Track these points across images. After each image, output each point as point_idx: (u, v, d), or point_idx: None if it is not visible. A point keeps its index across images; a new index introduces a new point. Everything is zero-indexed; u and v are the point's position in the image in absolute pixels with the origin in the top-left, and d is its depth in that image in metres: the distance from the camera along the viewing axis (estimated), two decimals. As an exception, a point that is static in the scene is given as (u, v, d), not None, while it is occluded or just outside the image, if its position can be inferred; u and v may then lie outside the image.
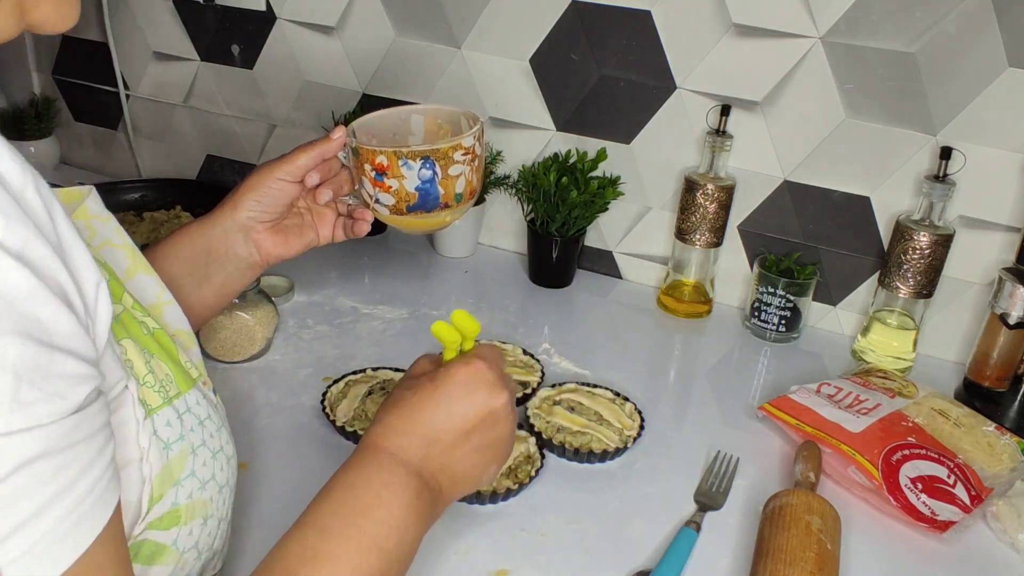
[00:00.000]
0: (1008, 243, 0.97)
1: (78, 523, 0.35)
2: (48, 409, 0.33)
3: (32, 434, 0.33)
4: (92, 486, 0.36)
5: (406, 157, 0.72)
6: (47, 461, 0.33)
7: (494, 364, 0.55)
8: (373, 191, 0.74)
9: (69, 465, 0.35)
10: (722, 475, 0.81)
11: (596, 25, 1.08)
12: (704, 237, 1.07)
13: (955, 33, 0.92)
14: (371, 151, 0.72)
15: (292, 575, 0.45)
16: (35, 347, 0.32)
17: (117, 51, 1.39)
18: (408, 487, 0.49)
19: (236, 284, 0.74)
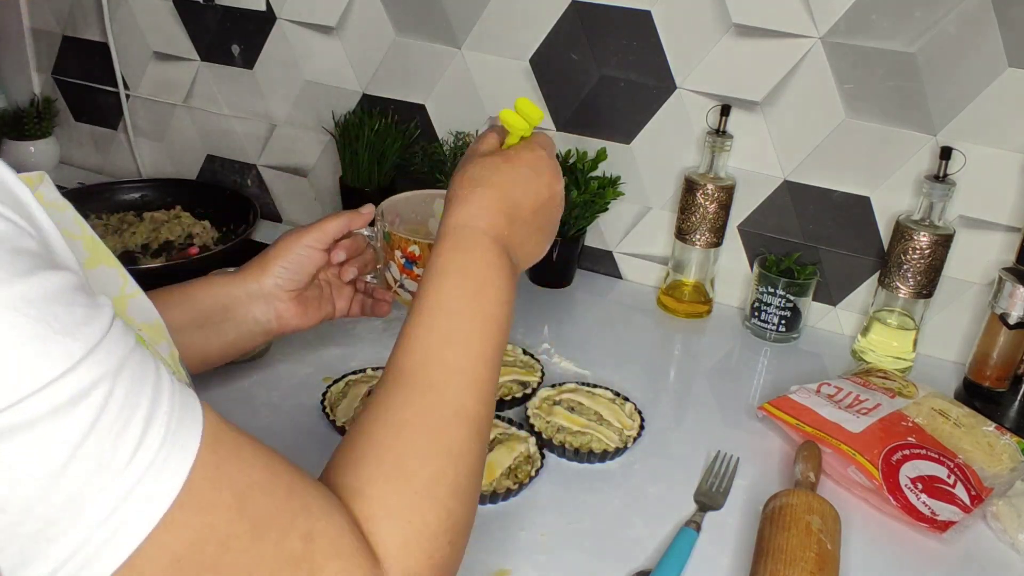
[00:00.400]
0: (1008, 243, 0.97)
1: (179, 425, 0.34)
2: (94, 327, 0.32)
3: (96, 356, 0.31)
4: (171, 384, 0.35)
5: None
6: (122, 377, 0.32)
7: (552, 152, 0.60)
8: (400, 276, 0.78)
9: (143, 373, 0.34)
10: (722, 475, 0.81)
11: (596, 25, 1.08)
12: (704, 237, 1.07)
13: (955, 33, 0.92)
14: (405, 240, 0.75)
15: (439, 358, 0.47)
16: (49, 272, 0.32)
17: (117, 51, 1.39)
18: (505, 264, 0.53)
19: (245, 345, 0.75)
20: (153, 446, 0.32)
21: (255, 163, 1.40)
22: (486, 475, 0.74)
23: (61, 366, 0.30)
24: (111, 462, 0.31)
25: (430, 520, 0.42)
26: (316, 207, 1.38)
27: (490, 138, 0.61)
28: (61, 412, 0.30)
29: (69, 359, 0.30)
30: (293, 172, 1.37)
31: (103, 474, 0.31)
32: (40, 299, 0.30)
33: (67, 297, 0.32)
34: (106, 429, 0.31)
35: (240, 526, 0.34)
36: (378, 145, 1.20)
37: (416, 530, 0.42)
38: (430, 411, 0.46)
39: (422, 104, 1.23)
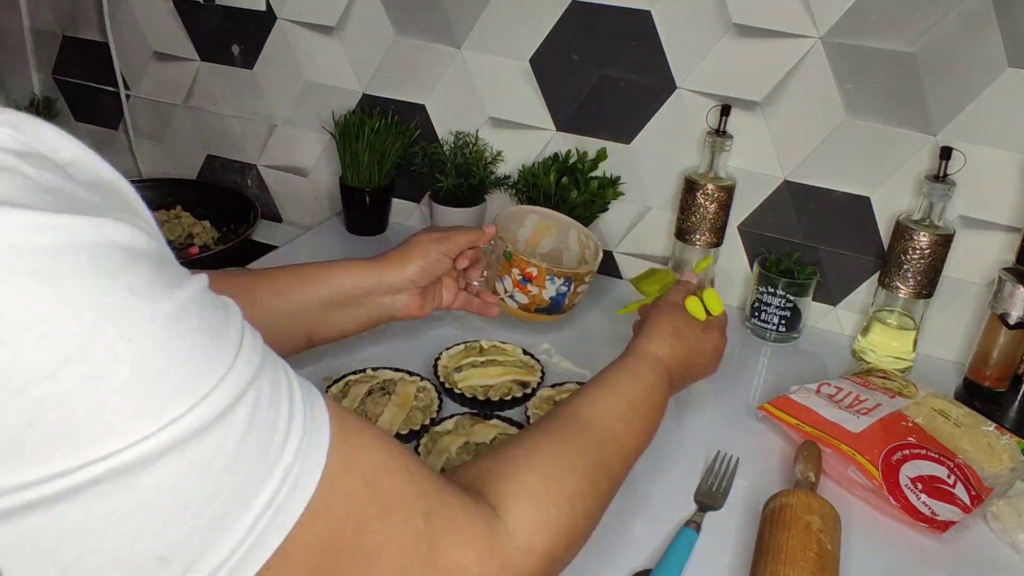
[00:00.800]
0: (1008, 243, 0.97)
1: (312, 412, 0.36)
2: (234, 326, 0.34)
3: (244, 354, 0.33)
4: (294, 374, 0.37)
5: (554, 274, 0.88)
6: (265, 370, 0.34)
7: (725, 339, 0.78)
8: (511, 289, 0.90)
9: (275, 365, 0.36)
10: (722, 475, 0.81)
11: (596, 25, 1.08)
12: (704, 237, 1.07)
13: (955, 33, 0.92)
14: (525, 260, 0.88)
15: (611, 426, 0.57)
16: (191, 279, 0.33)
17: (117, 51, 1.39)
18: (666, 394, 0.68)
19: (372, 325, 0.81)
20: (297, 433, 0.34)
21: (255, 163, 1.40)
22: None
23: (223, 368, 0.32)
24: (268, 451, 0.33)
25: (563, 520, 0.47)
26: (316, 207, 1.38)
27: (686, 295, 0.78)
28: (229, 410, 0.31)
29: (227, 362, 0.32)
30: (293, 172, 1.37)
31: (264, 463, 0.32)
32: (195, 306, 0.32)
33: (209, 300, 0.33)
34: (262, 420, 0.33)
35: (371, 509, 0.37)
36: (378, 145, 1.20)
37: (550, 521, 0.46)
38: (592, 452, 0.54)
39: (422, 104, 1.23)
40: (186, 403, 0.30)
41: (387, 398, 0.84)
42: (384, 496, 0.38)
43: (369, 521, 0.36)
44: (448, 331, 1.03)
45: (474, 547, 0.41)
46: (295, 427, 0.34)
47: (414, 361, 0.94)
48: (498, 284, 0.91)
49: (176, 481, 0.30)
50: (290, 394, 0.35)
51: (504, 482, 0.46)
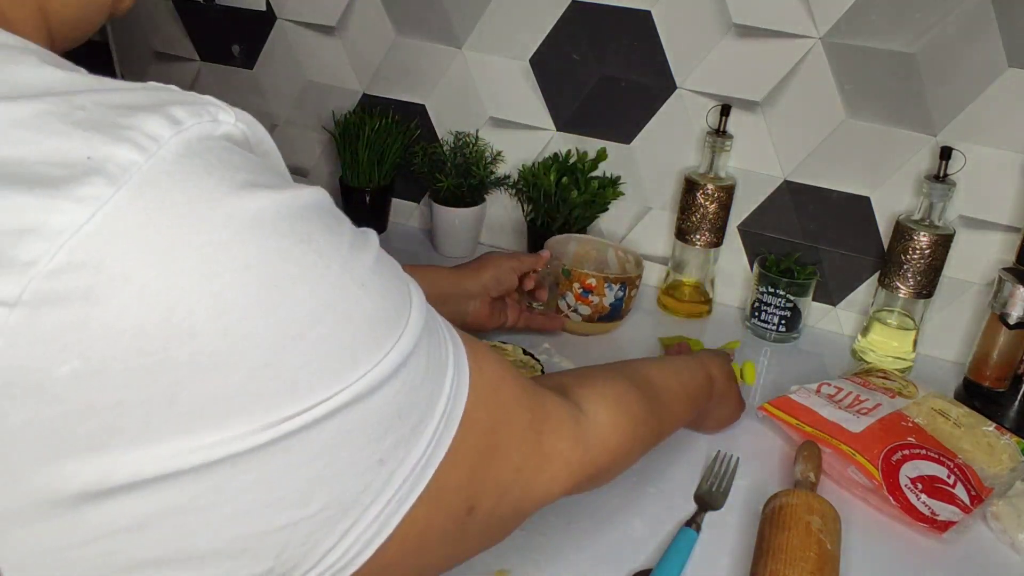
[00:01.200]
0: (1008, 243, 0.97)
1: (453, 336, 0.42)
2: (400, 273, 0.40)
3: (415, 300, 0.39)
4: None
5: (611, 281, 0.99)
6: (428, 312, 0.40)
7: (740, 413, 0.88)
8: (574, 303, 1.00)
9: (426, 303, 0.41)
10: (722, 475, 0.81)
11: (596, 25, 1.08)
12: (704, 237, 1.07)
13: (955, 33, 0.92)
14: (584, 274, 0.99)
15: (667, 400, 0.66)
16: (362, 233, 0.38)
17: (117, 51, 1.39)
18: (702, 404, 0.77)
19: None
20: (451, 351, 0.40)
21: (255, 163, 1.40)
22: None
23: (409, 305, 0.37)
24: (440, 366, 0.39)
25: (627, 429, 0.55)
26: (316, 207, 1.38)
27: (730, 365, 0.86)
28: (421, 335, 0.37)
29: (408, 299, 0.37)
30: (293, 172, 1.37)
31: (440, 376, 0.38)
32: (384, 257, 0.38)
33: (382, 251, 0.38)
34: (435, 343, 0.39)
35: (499, 412, 0.43)
36: (378, 145, 1.20)
37: (620, 423, 0.54)
38: (652, 402, 0.61)
39: (422, 104, 1.23)
40: (397, 334, 0.35)
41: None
42: (505, 399, 0.44)
43: (499, 423, 0.43)
44: (448, 331, 1.03)
45: (566, 436, 0.48)
46: (449, 346, 0.40)
47: (414, 361, 0.94)
48: (560, 302, 1.01)
49: (394, 397, 0.35)
50: (438, 319, 0.41)
51: (586, 388, 0.54)
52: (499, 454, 0.43)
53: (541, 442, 0.47)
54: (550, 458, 0.47)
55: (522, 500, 0.46)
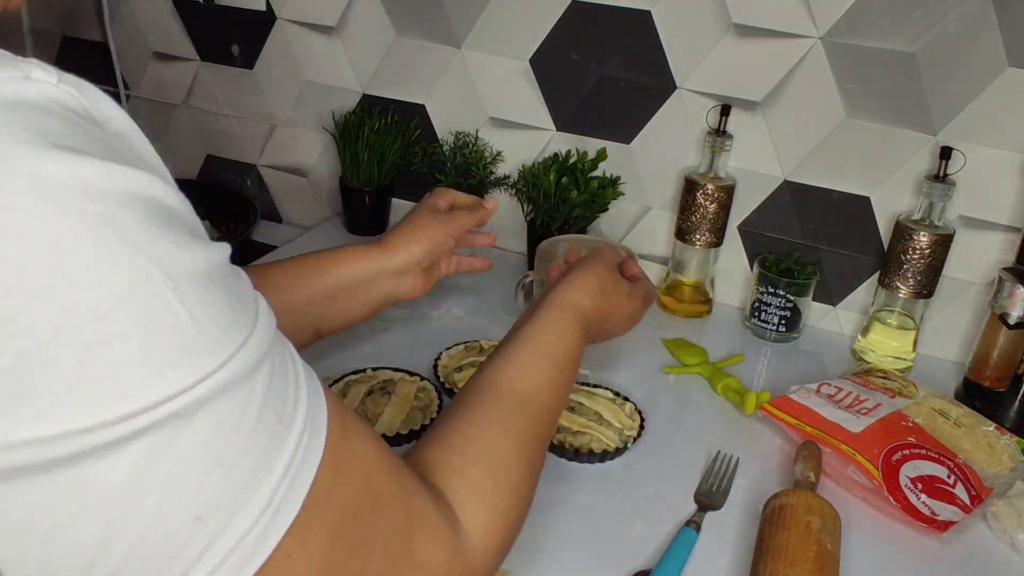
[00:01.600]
0: (1008, 243, 0.97)
1: (314, 395, 0.36)
2: (250, 295, 0.35)
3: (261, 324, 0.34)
4: (298, 357, 0.37)
5: None
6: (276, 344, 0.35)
7: (649, 304, 0.78)
8: None
9: (283, 341, 0.36)
10: (722, 475, 0.81)
11: (596, 25, 1.08)
12: (704, 237, 1.07)
13: (955, 33, 0.92)
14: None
15: (543, 402, 0.57)
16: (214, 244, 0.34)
17: (117, 51, 1.39)
18: (582, 342, 0.66)
19: (378, 310, 0.81)
20: (304, 403, 0.35)
21: (255, 163, 1.40)
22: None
23: (247, 329, 0.32)
24: (284, 415, 0.33)
25: (511, 514, 0.49)
26: (316, 207, 1.38)
27: (619, 260, 0.78)
28: (256, 367, 0.32)
29: (249, 324, 0.32)
30: (293, 172, 1.37)
31: (282, 427, 0.33)
32: (224, 268, 0.33)
33: (231, 266, 0.34)
34: (278, 384, 0.33)
35: (366, 499, 0.38)
36: (378, 145, 1.20)
37: (498, 517, 0.48)
38: (530, 432, 0.54)
39: (422, 104, 1.23)
40: (220, 358, 0.30)
41: (387, 398, 0.84)
42: (376, 489, 0.38)
43: (364, 513, 0.37)
44: (448, 331, 1.03)
45: (442, 546, 0.42)
46: (302, 396, 0.35)
47: (414, 361, 0.94)
48: None
49: (212, 437, 0.30)
50: (295, 367, 0.36)
51: (455, 478, 0.47)
52: (363, 551, 0.37)
53: (413, 550, 0.40)
54: (425, 570, 0.41)
55: None
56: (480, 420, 0.52)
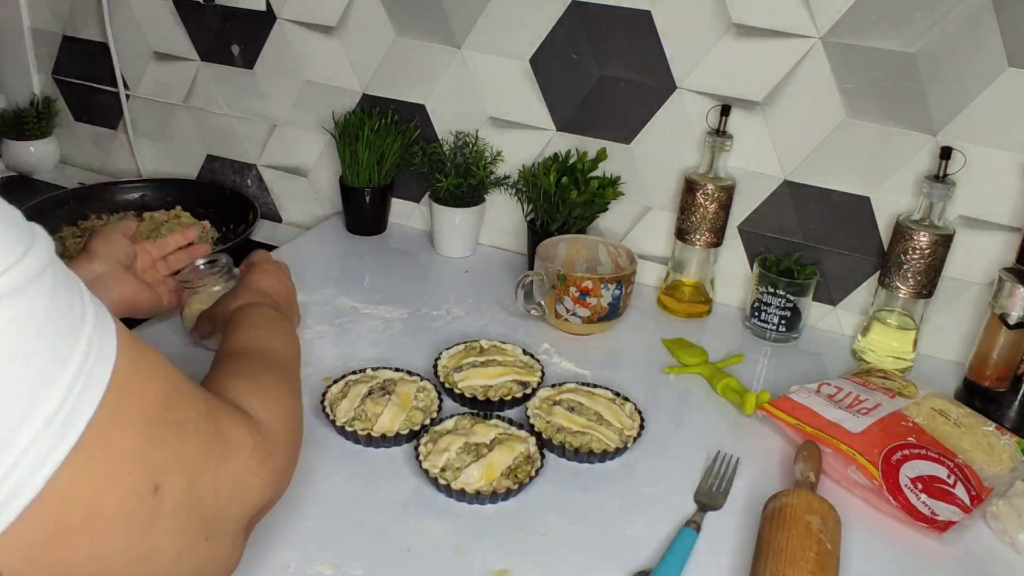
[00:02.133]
0: (1008, 243, 0.97)
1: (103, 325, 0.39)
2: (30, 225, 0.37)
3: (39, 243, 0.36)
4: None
5: (607, 281, 0.99)
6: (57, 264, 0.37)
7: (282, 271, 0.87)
8: (573, 307, 1.00)
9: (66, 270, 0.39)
10: (722, 475, 0.81)
11: (596, 25, 1.08)
12: (704, 237, 1.07)
13: (955, 33, 0.92)
14: (579, 277, 0.99)
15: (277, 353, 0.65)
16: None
17: (117, 51, 1.39)
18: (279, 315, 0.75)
19: None
20: (92, 320, 0.37)
21: (255, 163, 1.40)
22: (486, 475, 0.75)
23: (24, 246, 0.35)
24: (72, 320, 0.36)
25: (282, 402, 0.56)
26: (316, 207, 1.38)
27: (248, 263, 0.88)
28: (37, 277, 0.35)
29: (27, 243, 0.35)
30: (293, 172, 1.37)
31: (71, 330, 0.36)
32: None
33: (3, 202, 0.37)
34: (63, 297, 0.36)
35: (170, 390, 0.41)
36: (378, 145, 1.20)
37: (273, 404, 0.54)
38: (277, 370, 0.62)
39: (422, 104, 1.23)
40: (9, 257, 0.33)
41: (387, 398, 0.84)
42: (176, 383, 0.42)
43: (171, 400, 0.41)
44: (448, 331, 1.03)
45: (243, 425, 0.47)
46: (89, 309, 0.38)
47: (414, 361, 0.94)
48: (559, 306, 1.01)
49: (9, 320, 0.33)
50: (80, 289, 0.38)
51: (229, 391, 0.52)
52: (177, 430, 0.41)
53: (221, 430, 0.45)
54: (235, 447, 0.45)
55: (218, 491, 0.43)
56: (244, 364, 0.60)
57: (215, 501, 0.43)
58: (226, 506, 0.44)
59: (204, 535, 0.42)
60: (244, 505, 0.46)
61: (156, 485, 0.38)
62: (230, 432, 0.45)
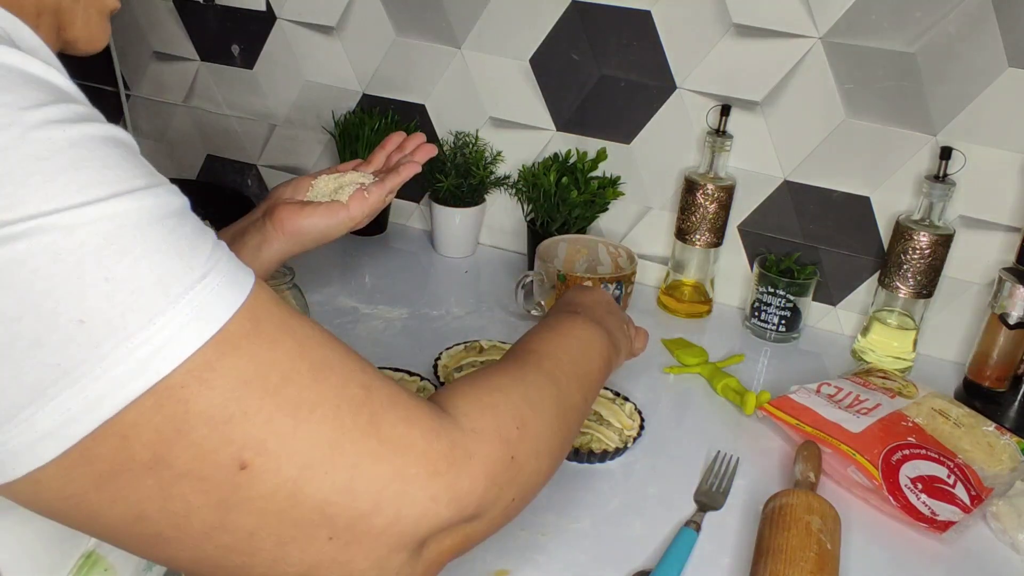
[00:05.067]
0: (1008, 243, 0.97)
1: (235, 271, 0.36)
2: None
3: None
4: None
5: (607, 281, 0.98)
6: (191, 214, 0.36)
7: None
8: None
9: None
10: (722, 475, 0.81)
11: (596, 25, 1.08)
12: (704, 237, 1.07)
13: (955, 33, 0.92)
14: (579, 277, 0.98)
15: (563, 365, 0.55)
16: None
17: (117, 51, 1.39)
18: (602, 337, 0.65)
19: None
20: (224, 265, 0.35)
21: (255, 163, 1.40)
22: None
23: (156, 179, 0.35)
24: (190, 255, 0.34)
25: (500, 405, 0.46)
26: (316, 207, 1.38)
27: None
28: (154, 199, 0.34)
29: (157, 176, 0.35)
30: (293, 172, 1.37)
31: (177, 275, 0.33)
32: (116, 137, 0.36)
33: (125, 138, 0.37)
34: (189, 227, 0.35)
35: (302, 364, 0.36)
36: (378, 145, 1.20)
37: (487, 406, 0.45)
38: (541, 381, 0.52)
39: (422, 104, 1.23)
40: (115, 188, 0.33)
41: (387, 398, 0.84)
42: (317, 360, 0.37)
43: (299, 375, 0.36)
44: (448, 331, 1.03)
45: (419, 425, 0.39)
46: (222, 257, 0.35)
47: (414, 361, 0.94)
48: None
49: (100, 246, 0.31)
50: (216, 242, 0.36)
51: (454, 394, 0.46)
52: (292, 410, 0.35)
53: (378, 425, 0.38)
54: (396, 447, 0.38)
55: (353, 492, 0.36)
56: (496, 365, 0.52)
57: (346, 502, 0.36)
58: (368, 513, 0.37)
59: (327, 534, 0.36)
60: (399, 518, 0.37)
61: (243, 462, 0.34)
62: (393, 430, 0.38)
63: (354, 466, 0.36)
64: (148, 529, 0.34)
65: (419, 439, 0.39)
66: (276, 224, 0.75)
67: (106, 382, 0.31)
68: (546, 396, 0.50)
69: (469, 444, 0.41)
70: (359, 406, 0.37)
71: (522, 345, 0.57)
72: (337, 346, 0.39)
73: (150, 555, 0.36)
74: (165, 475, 0.33)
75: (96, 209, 0.32)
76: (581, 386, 0.56)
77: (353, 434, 0.37)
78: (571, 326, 0.62)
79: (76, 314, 0.31)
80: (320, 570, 0.37)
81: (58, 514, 0.34)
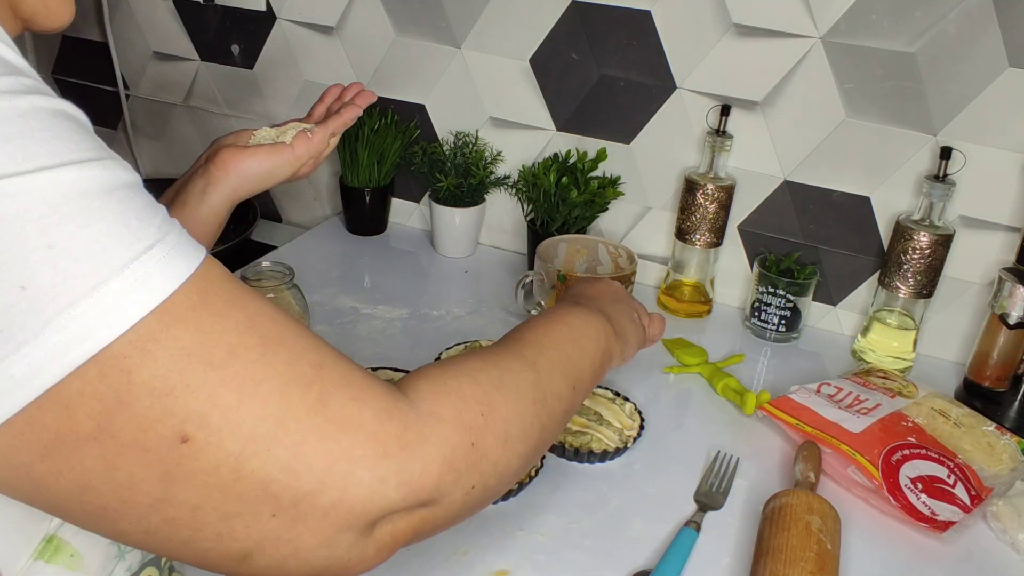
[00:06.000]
0: (1008, 243, 0.97)
1: (185, 246, 0.36)
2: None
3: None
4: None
5: None
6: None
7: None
8: None
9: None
10: (722, 475, 0.81)
11: (596, 25, 1.08)
12: (704, 237, 1.07)
13: (955, 33, 0.92)
14: (579, 277, 0.96)
15: (551, 355, 0.53)
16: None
17: (117, 51, 1.39)
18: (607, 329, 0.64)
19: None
20: (162, 239, 0.35)
21: (255, 163, 1.39)
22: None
23: (103, 152, 0.34)
24: (127, 236, 0.33)
25: (465, 387, 0.44)
26: (316, 207, 1.38)
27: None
28: (105, 171, 0.34)
29: (104, 150, 0.35)
30: (293, 172, 1.37)
31: (122, 244, 0.33)
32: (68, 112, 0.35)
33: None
34: (138, 199, 0.34)
35: (251, 339, 0.36)
36: (378, 145, 1.20)
37: (449, 389, 0.43)
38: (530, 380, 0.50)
39: (422, 104, 1.23)
40: (65, 158, 0.33)
41: (387, 398, 0.84)
42: (267, 335, 0.37)
43: (247, 349, 0.36)
44: (448, 331, 1.03)
45: (371, 406, 0.38)
46: (172, 231, 0.35)
47: (414, 361, 0.94)
48: None
49: (43, 214, 0.31)
50: (167, 218, 0.36)
51: (418, 377, 0.45)
52: (238, 385, 0.35)
53: (327, 404, 0.37)
54: (344, 427, 0.37)
55: (295, 470, 0.36)
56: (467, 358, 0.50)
57: (289, 480, 0.36)
58: (313, 492, 0.36)
59: (271, 511, 0.36)
60: (345, 499, 0.37)
61: (184, 435, 0.33)
62: (343, 409, 0.37)
63: (299, 444, 0.36)
64: (95, 500, 0.34)
65: (370, 419, 0.38)
66: (220, 165, 0.73)
67: (48, 349, 0.31)
68: (522, 382, 0.49)
69: (424, 427, 0.40)
70: (308, 383, 0.37)
71: (509, 334, 0.56)
72: (292, 324, 0.39)
73: (100, 529, 0.36)
74: (109, 446, 0.33)
75: (42, 176, 0.31)
76: (567, 374, 0.54)
77: (299, 412, 0.36)
78: (564, 315, 0.60)
79: (18, 280, 0.30)
80: (267, 546, 0.37)
81: (5, 485, 0.34)
